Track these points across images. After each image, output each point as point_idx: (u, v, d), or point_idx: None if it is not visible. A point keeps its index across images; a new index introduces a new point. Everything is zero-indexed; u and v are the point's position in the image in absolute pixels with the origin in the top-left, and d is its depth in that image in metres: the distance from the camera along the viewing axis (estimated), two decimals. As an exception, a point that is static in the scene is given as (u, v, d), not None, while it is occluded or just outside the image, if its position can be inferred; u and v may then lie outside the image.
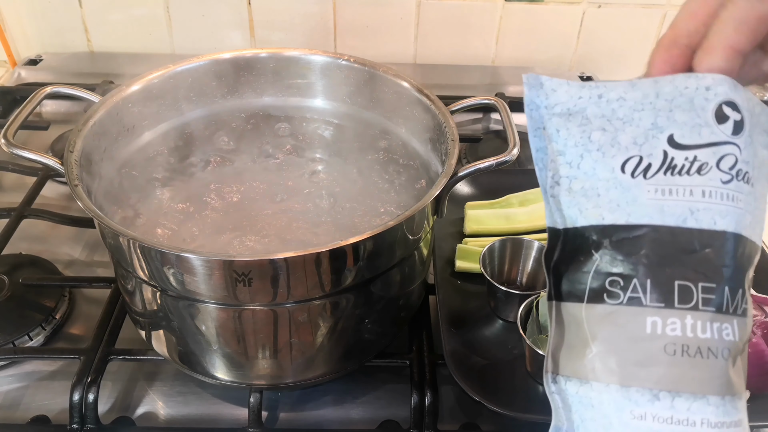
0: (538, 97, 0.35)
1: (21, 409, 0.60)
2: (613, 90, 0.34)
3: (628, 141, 0.34)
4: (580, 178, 0.34)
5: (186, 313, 0.53)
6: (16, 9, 1.09)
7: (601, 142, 0.34)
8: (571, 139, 0.35)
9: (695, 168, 0.33)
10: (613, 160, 0.34)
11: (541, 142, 0.35)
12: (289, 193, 0.63)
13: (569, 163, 0.35)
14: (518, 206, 0.77)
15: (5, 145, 0.54)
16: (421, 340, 0.63)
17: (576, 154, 0.35)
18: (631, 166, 0.34)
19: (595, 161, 0.34)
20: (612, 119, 0.34)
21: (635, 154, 0.34)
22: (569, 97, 0.35)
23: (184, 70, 0.68)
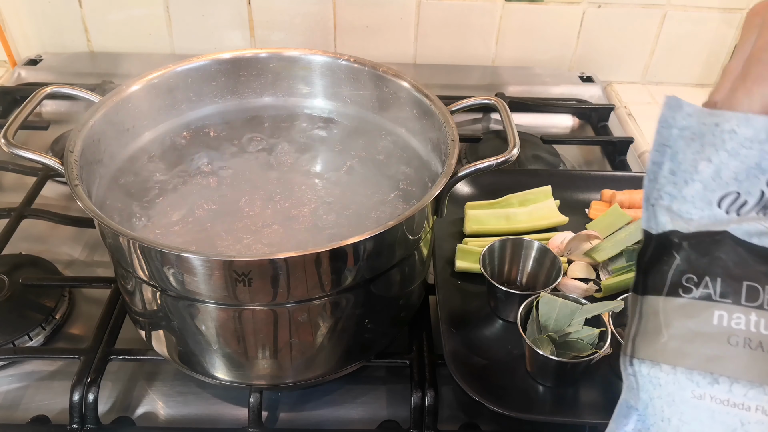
0: (674, 119, 0.37)
1: (21, 409, 0.60)
2: (729, 120, 0.36)
3: (730, 176, 0.36)
4: (679, 200, 0.37)
5: (186, 313, 0.53)
6: (16, 9, 1.09)
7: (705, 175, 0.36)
8: (684, 164, 0.37)
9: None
10: (712, 194, 0.36)
11: (661, 158, 0.38)
12: (289, 192, 0.63)
13: (675, 184, 0.37)
14: (518, 206, 0.77)
15: (5, 145, 0.54)
16: (421, 340, 0.63)
17: (682, 179, 0.37)
18: (727, 202, 0.36)
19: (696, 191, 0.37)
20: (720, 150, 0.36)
21: (734, 190, 0.36)
22: (696, 122, 0.37)
23: (184, 70, 0.68)
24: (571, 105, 1.05)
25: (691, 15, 1.09)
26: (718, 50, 1.13)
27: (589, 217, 0.79)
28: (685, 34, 1.11)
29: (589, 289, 0.68)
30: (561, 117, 1.06)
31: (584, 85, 1.11)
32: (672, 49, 1.13)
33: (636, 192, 0.79)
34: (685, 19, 1.09)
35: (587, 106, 1.06)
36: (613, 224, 0.74)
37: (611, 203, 0.78)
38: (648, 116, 1.07)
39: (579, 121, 1.06)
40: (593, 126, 1.05)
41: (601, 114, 1.04)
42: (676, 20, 1.09)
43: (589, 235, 0.72)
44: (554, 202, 0.78)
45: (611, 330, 0.57)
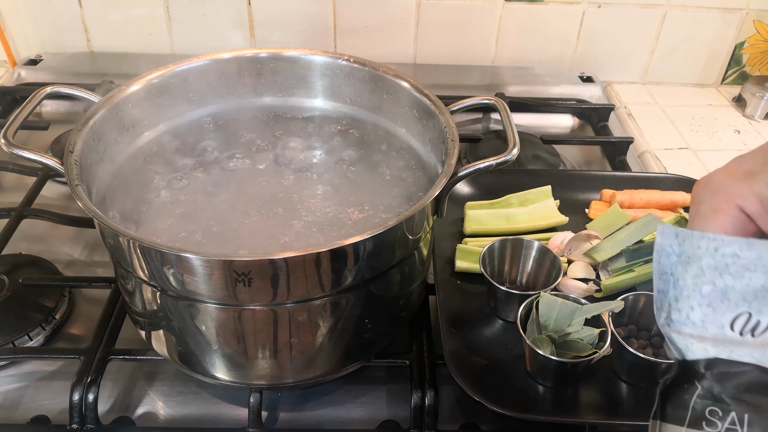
0: (671, 246, 0.37)
1: (21, 409, 0.60)
2: (729, 245, 0.36)
3: (738, 297, 0.36)
4: (689, 326, 0.37)
5: (186, 313, 0.53)
6: (16, 9, 1.09)
7: (711, 297, 0.36)
8: (686, 289, 0.37)
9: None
10: (722, 317, 0.36)
11: (665, 285, 0.38)
12: (288, 192, 0.63)
13: (680, 311, 0.37)
14: (518, 206, 0.77)
15: (5, 145, 0.54)
16: (421, 340, 0.63)
17: (687, 304, 0.37)
18: (740, 324, 0.36)
19: (704, 315, 0.36)
20: (724, 273, 0.36)
21: (745, 311, 0.36)
22: (690, 246, 0.37)
23: (184, 70, 0.68)
24: (571, 105, 1.05)
25: (691, 15, 1.09)
26: (718, 50, 1.13)
27: (589, 217, 0.79)
28: (685, 34, 1.11)
29: (589, 289, 0.68)
30: (561, 117, 1.06)
31: (584, 85, 1.11)
32: (672, 49, 1.13)
33: (636, 192, 0.79)
34: (685, 19, 1.09)
35: (587, 106, 1.06)
36: (613, 224, 0.74)
37: (611, 203, 0.78)
38: (648, 116, 1.07)
39: (579, 121, 1.06)
40: (593, 126, 1.05)
41: (601, 114, 1.04)
42: (676, 20, 1.09)
43: (589, 235, 0.72)
44: (554, 202, 0.78)
45: (611, 330, 0.57)
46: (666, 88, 1.16)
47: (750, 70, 1.16)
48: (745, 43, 1.12)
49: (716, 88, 1.17)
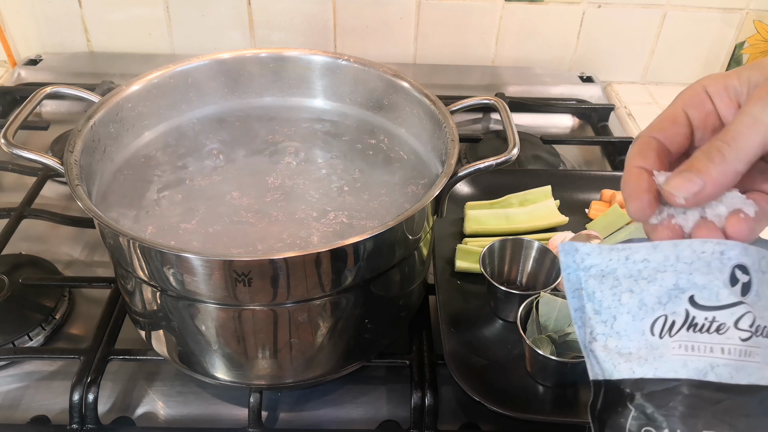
0: (574, 262, 0.39)
1: (21, 409, 0.60)
2: (638, 252, 0.38)
3: (654, 301, 0.37)
4: (614, 337, 0.38)
5: (186, 313, 0.53)
6: (16, 9, 1.09)
7: (630, 305, 0.38)
8: (605, 300, 0.38)
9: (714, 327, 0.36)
10: (642, 323, 0.38)
11: (579, 302, 0.39)
12: (288, 193, 0.63)
13: (604, 322, 0.38)
14: (518, 206, 0.77)
15: (5, 145, 0.54)
16: (421, 340, 0.63)
17: (610, 314, 0.38)
18: (658, 327, 0.37)
19: (626, 323, 0.38)
20: (638, 279, 0.38)
21: (661, 314, 0.37)
22: (601, 260, 0.38)
23: (184, 70, 0.68)
24: (571, 105, 1.05)
25: (691, 15, 1.09)
26: (718, 50, 1.13)
27: (589, 217, 0.79)
28: (685, 34, 1.11)
29: (589, 289, 0.68)
30: (561, 117, 1.06)
31: (584, 85, 1.11)
32: (672, 49, 1.13)
33: (636, 192, 0.79)
34: (685, 19, 1.09)
35: (587, 106, 1.06)
36: (613, 224, 0.74)
37: (611, 203, 0.78)
38: (648, 116, 1.07)
39: (579, 121, 1.06)
40: (593, 126, 1.05)
41: (601, 114, 1.04)
42: (676, 20, 1.09)
43: (589, 235, 0.72)
44: (554, 202, 0.78)
45: (611, 330, 0.57)
46: (666, 88, 1.16)
47: (750, 70, 1.16)
48: (745, 43, 1.12)
49: (716, 88, 1.17)
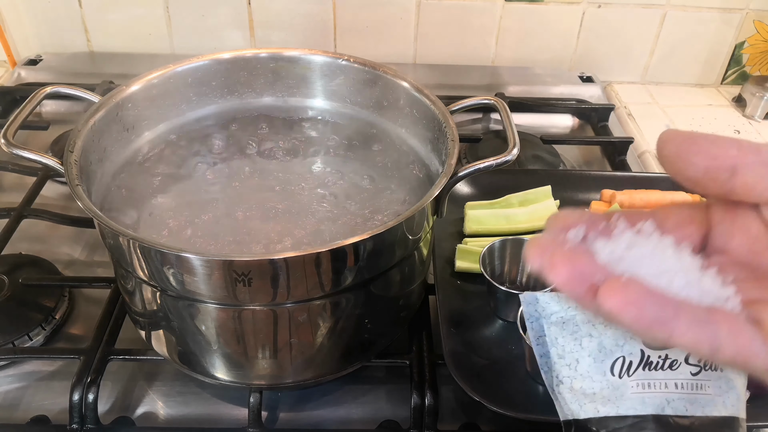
0: (535, 311, 0.41)
1: (21, 409, 0.60)
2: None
3: (612, 344, 0.40)
4: (578, 379, 0.40)
5: (186, 313, 0.53)
6: (16, 9, 1.09)
7: (591, 348, 0.40)
8: (567, 345, 0.41)
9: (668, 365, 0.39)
10: (602, 365, 0.40)
11: (544, 349, 0.41)
12: (288, 193, 0.63)
13: (569, 365, 0.41)
14: (518, 206, 0.77)
15: (5, 145, 0.54)
16: (421, 340, 0.63)
17: (573, 358, 0.41)
18: (618, 368, 0.40)
19: (588, 365, 0.40)
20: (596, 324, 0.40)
21: (619, 356, 0.40)
22: (560, 308, 0.41)
23: (184, 70, 0.68)
24: (571, 105, 1.05)
25: (691, 15, 1.09)
26: (718, 50, 1.13)
27: (589, 217, 0.79)
28: (685, 34, 1.11)
29: (589, 289, 0.68)
30: (561, 117, 1.06)
31: (584, 85, 1.11)
32: (672, 49, 1.13)
33: (636, 192, 0.79)
34: (685, 19, 1.09)
35: (587, 106, 1.06)
36: (613, 224, 0.74)
37: (611, 203, 0.78)
38: (648, 116, 1.07)
39: (579, 121, 1.06)
40: (593, 126, 1.05)
41: (601, 114, 1.04)
42: (676, 20, 1.09)
43: (589, 235, 0.71)
44: (554, 202, 0.78)
45: (611, 330, 0.57)
46: (666, 88, 1.16)
47: (750, 70, 1.16)
48: (745, 43, 1.12)
49: (716, 88, 1.17)
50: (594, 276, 0.26)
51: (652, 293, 0.24)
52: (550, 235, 0.29)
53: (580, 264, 0.26)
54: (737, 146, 0.27)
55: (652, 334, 0.24)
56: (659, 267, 0.27)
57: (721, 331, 0.24)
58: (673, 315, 0.24)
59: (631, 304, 0.24)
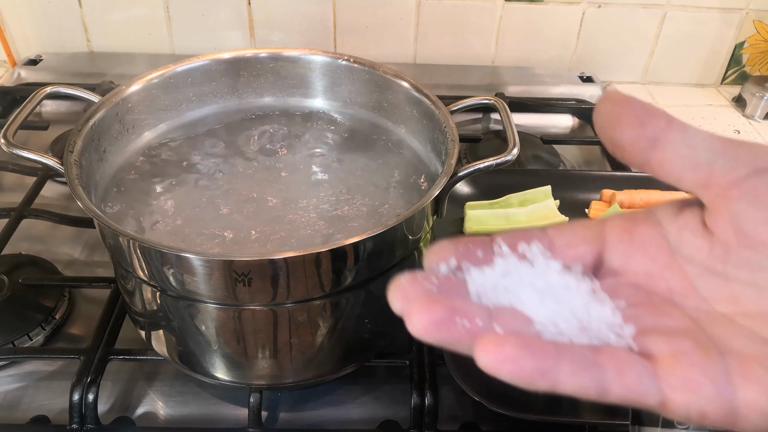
0: None
1: (20, 410, 0.60)
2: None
3: None
4: None
5: (186, 313, 0.53)
6: (16, 9, 1.09)
7: None
8: None
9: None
10: None
11: None
12: (288, 193, 0.63)
13: None
14: (518, 206, 0.77)
15: (5, 144, 0.54)
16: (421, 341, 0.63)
17: None
18: None
19: None
20: None
21: None
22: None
23: (184, 70, 0.68)
24: (571, 105, 1.05)
25: (691, 15, 1.09)
26: (719, 50, 1.13)
27: (589, 217, 0.79)
28: (685, 34, 1.11)
29: (589, 289, 0.68)
30: (561, 117, 1.06)
31: (584, 85, 1.11)
32: (672, 49, 1.13)
33: (636, 192, 0.79)
34: (685, 19, 1.09)
35: (587, 106, 1.05)
36: (613, 224, 0.74)
37: (611, 203, 0.78)
38: (648, 116, 1.07)
39: (579, 121, 1.06)
40: (593, 126, 1.04)
41: (601, 114, 1.04)
42: (676, 20, 1.09)
43: (589, 235, 0.71)
44: (554, 202, 0.78)
45: (611, 330, 0.57)
46: (666, 88, 1.16)
47: (750, 70, 1.16)
48: (745, 43, 1.12)
49: (716, 88, 1.17)
50: (464, 314, 0.24)
51: (530, 343, 0.23)
52: (415, 273, 0.26)
53: (438, 308, 0.24)
54: (667, 120, 0.26)
55: (534, 386, 0.23)
56: (541, 295, 0.25)
57: (607, 373, 0.22)
58: (554, 363, 0.22)
59: (507, 360, 0.23)
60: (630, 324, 0.24)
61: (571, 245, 0.28)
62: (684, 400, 0.22)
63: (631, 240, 0.28)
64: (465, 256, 0.27)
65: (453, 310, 0.24)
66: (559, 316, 0.24)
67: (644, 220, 0.28)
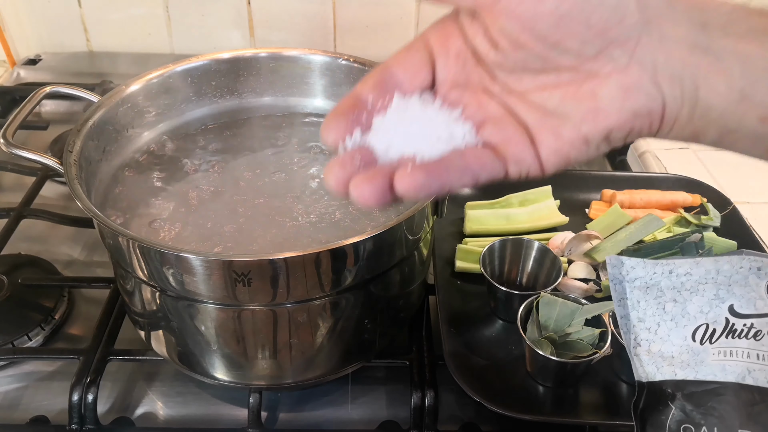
0: (620, 274, 0.42)
1: (20, 410, 0.60)
2: (681, 266, 0.41)
3: (696, 310, 0.41)
4: (657, 342, 0.42)
5: (185, 314, 0.52)
6: (16, 9, 1.09)
7: (674, 313, 0.41)
8: (649, 309, 0.42)
9: (752, 333, 0.40)
10: (684, 330, 0.41)
11: (625, 310, 0.42)
12: (288, 192, 0.63)
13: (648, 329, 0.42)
14: (518, 206, 0.77)
15: (4, 144, 0.54)
16: (421, 341, 0.63)
17: (654, 321, 0.42)
18: (699, 334, 0.41)
19: (669, 329, 0.41)
20: (681, 290, 0.41)
21: (702, 323, 0.41)
22: (645, 273, 0.42)
23: (183, 70, 0.68)
24: (571, 105, 1.05)
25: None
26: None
27: (589, 217, 0.79)
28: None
29: (589, 289, 0.68)
30: (561, 117, 1.05)
31: (584, 85, 1.10)
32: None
33: (636, 192, 0.79)
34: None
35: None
36: (614, 224, 0.74)
37: (611, 203, 0.78)
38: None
39: (579, 121, 1.06)
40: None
41: (601, 114, 1.04)
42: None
43: (590, 235, 0.71)
44: (554, 202, 0.77)
45: (611, 330, 0.57)
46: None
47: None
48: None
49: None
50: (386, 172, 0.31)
51: (428, 170, 0.31)
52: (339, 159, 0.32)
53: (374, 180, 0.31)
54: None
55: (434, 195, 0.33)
56: (416, 127, 0.33)
57: (474, 168, 0.32)
58: (446, 176, 0.31)
59: (419, 187, 0.30)
60: (469, 122, 0.33)
61: (413, 75, 0.34)
62: (516, 169, 0.33)
63: (448, 53, 0.34)
64: (355, 125, 0.33)
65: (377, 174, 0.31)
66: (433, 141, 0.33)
67: (453, 32, 0.34)
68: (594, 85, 0.31)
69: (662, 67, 0.30)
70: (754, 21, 0.30)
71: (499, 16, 0.31)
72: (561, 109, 0.32)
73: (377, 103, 0.33)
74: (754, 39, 0.30)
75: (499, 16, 0.31)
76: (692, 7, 0.31)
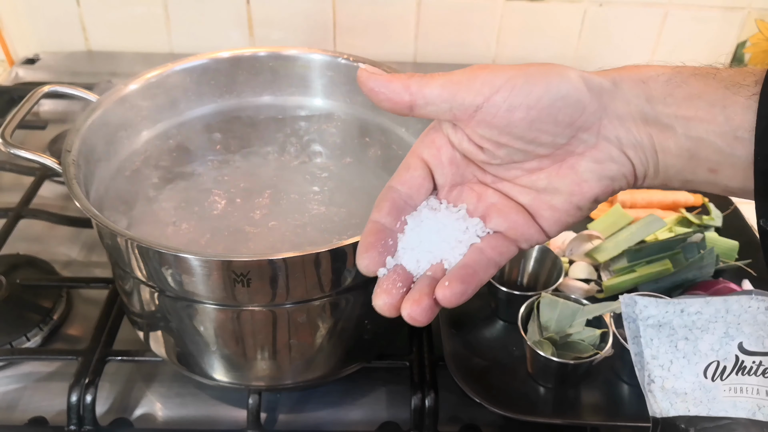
0: (633, 312, 0.43)
1: (18, 411, 0.60)
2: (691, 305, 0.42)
3: (707, 348, 0.42)
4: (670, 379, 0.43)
5: (184, 314, 0.52)
6: (14, 8, 1.08)
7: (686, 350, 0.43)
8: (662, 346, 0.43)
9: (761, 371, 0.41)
10: (696, 367, 0.42)
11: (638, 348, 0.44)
12: (287, 192, 0.63)
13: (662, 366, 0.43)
14: (519, 206, 0.77)
15: (2, 144, 0.54)
16: (421, 342, 0.63)
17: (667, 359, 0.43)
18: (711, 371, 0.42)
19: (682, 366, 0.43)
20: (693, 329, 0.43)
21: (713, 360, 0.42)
22: (658, 311, 0.43)
23: (182, 69, 0.67)
24: (571, 104, 1.05)
25: (692, 14, 1.08)
26: (720, 49, 1.13)
27: (590, 217, 0.78)
28: (687, 33, 1.11)
29: (590, 289, 0.68)
30: (562, 116, 1.05)
31: (585, 85, 1.10)
32: (673, 48, 1.12)
33: (637, 192, 0.79)
34: (686, 18, 1.09)
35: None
36: (615, 224, 0.73)
37: (612, 203, 0.78)
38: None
39: (580, 120, 1.06)
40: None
41: (601, 113, 1.03)
42: (678, 19, 1.09)
43: (591, 235, 0.71)
44: (555, 202, 0.77)
45: (613, 331, 0.57)
46: (667, 88, 1.16)
47: (751, 70, 1.15)
48: (747, 42, 1.12)
49: (717, 88, 1.16)
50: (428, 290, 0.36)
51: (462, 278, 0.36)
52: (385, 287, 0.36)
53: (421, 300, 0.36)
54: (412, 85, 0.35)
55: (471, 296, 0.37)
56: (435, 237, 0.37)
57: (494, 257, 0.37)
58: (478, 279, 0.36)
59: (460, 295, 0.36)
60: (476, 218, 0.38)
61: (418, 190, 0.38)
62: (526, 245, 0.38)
63: (442, 162, 0.38)
64: (385, 253, 0.36)
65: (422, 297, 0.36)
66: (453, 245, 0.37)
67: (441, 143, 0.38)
68: (572, 162, 0.36)
69: (624, 139, 0.36)
70: (691, 85, 0.35)
71: (477, 127, 0.35)
72: (551, 186, 0.37)
73: (395, 225, 0.37)
74: (691, 105, 0.34)
75: (477, 126, 0.35)
76: (636, 83, 0.35)
